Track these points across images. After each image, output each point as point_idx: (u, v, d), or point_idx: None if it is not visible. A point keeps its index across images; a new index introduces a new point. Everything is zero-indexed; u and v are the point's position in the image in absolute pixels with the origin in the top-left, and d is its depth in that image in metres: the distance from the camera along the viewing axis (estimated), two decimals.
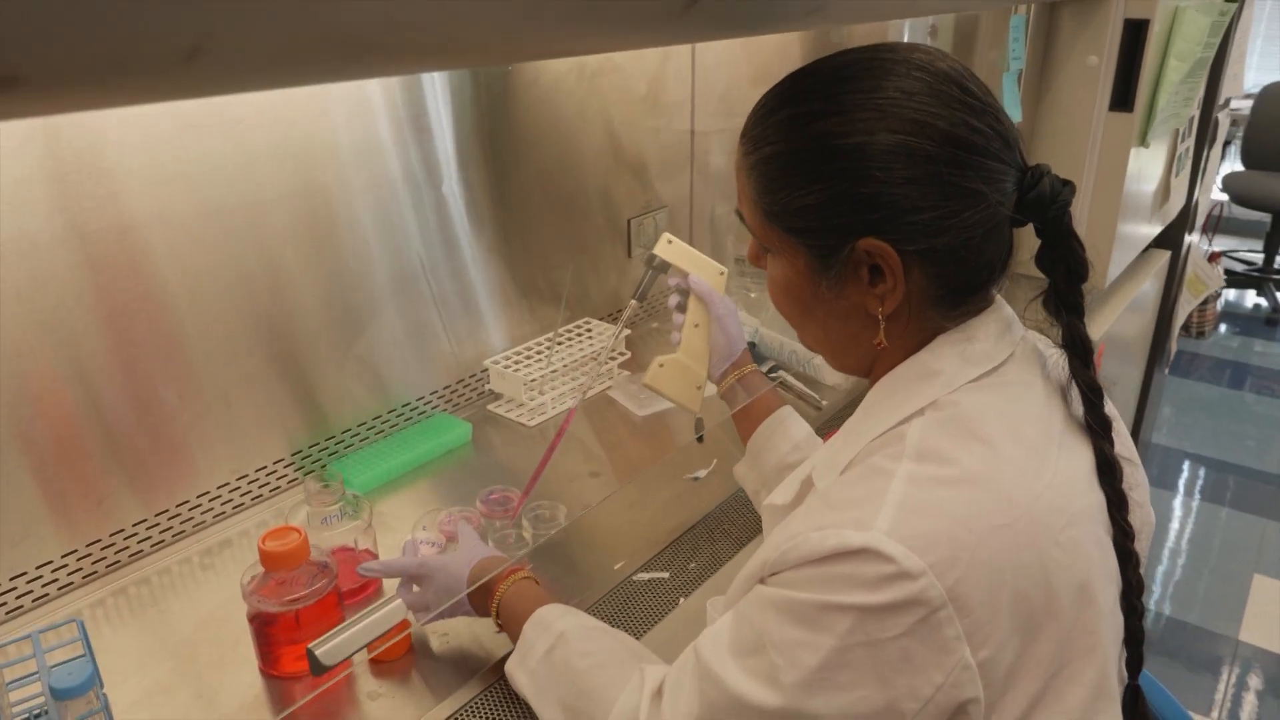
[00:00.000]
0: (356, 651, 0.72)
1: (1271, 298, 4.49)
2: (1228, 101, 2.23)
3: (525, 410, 1.38)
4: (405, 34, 0.40)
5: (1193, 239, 2.37)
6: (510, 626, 0.86)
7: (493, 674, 0.89)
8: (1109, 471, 0.65)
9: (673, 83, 1.63)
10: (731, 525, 1.13)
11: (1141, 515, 0.71)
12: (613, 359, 1.49)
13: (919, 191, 0.60)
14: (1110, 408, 0.69)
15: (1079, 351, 0.66)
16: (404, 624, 0.91)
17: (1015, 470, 0.60)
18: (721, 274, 1.12)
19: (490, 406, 1.40)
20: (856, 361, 0.71)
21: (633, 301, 1.11)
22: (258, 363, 1.10)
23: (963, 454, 0.59)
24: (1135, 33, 1.50)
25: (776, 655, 0.58)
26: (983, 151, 0.61)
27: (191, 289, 1.02)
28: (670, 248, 1.10)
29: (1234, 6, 1.75)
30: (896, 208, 0.61)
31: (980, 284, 0.65)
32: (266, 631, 0.87)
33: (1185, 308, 2.38)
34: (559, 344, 1.46)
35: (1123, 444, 0.69)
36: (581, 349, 1.45)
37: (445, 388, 1.37)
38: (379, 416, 1.27)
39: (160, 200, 0.97)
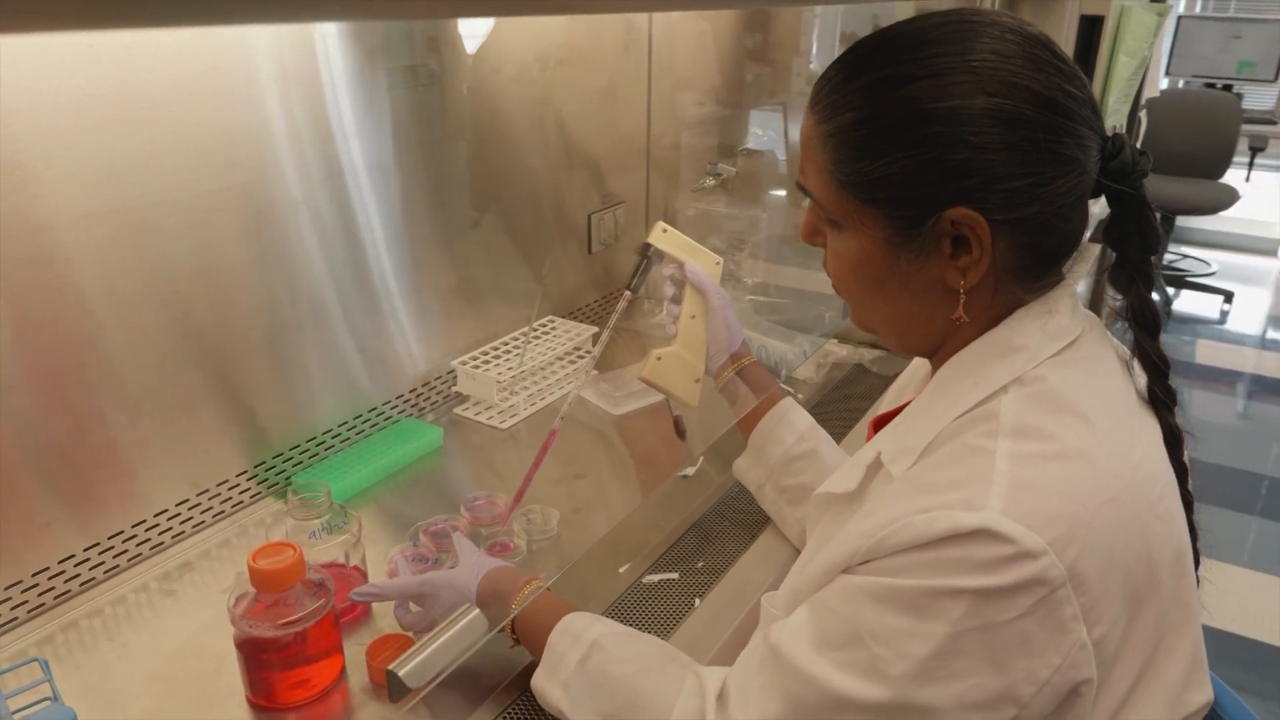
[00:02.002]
0: (442, 672, 0.65)
1: (1163, 293, 4.76)
2: (1147, 102, 2.33)
3: (497, 413, 1.31)
4: None
5: None
6: (530, 639, 0.80)
7: (507, 695, 0.83)
8: (1175, 443, 0.64)
9: (631, 76, 1.59)
10: (732, 521, 1.09)
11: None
12: (582, 357, 1.43)
13: (1014, 158, 0.58)
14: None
15: (1148, 324, 0.65)
16: (407, 644, 0.84)
17: (1113, 443, 0.58)
18: (717, 264, 1.08)
19: (458, 410, 1.32)
20: (925, 339, 0.68)
21: (626, 292, 1.06)
22: (207, 371, 1.00)
23: (1061, 429, 0.57)
24: (1090, 29, 1.54)
25: (879, 646, 0.54)
26: (1076, 117, 0.59)
27: (121, 295, 0.90)
28: (666, 236, 1.06)
29: (1168, 7, 1.83)
30: (990, 175, 0.58)
31: (1064, 254, 0.64)
32: (258, 658, 0.78)
33: (1111, 301, 2.47)
34: (529, 342, 1.40)
35: (1181, 416, 0.69)
36: (552, 348, 1.39)
37: (411, 391, 1.29)
38: (344, 424, 1.18)
39: (76, 197, 0.85)
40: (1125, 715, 0.56)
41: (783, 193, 1.91)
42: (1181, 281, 4.69)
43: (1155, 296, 0.67)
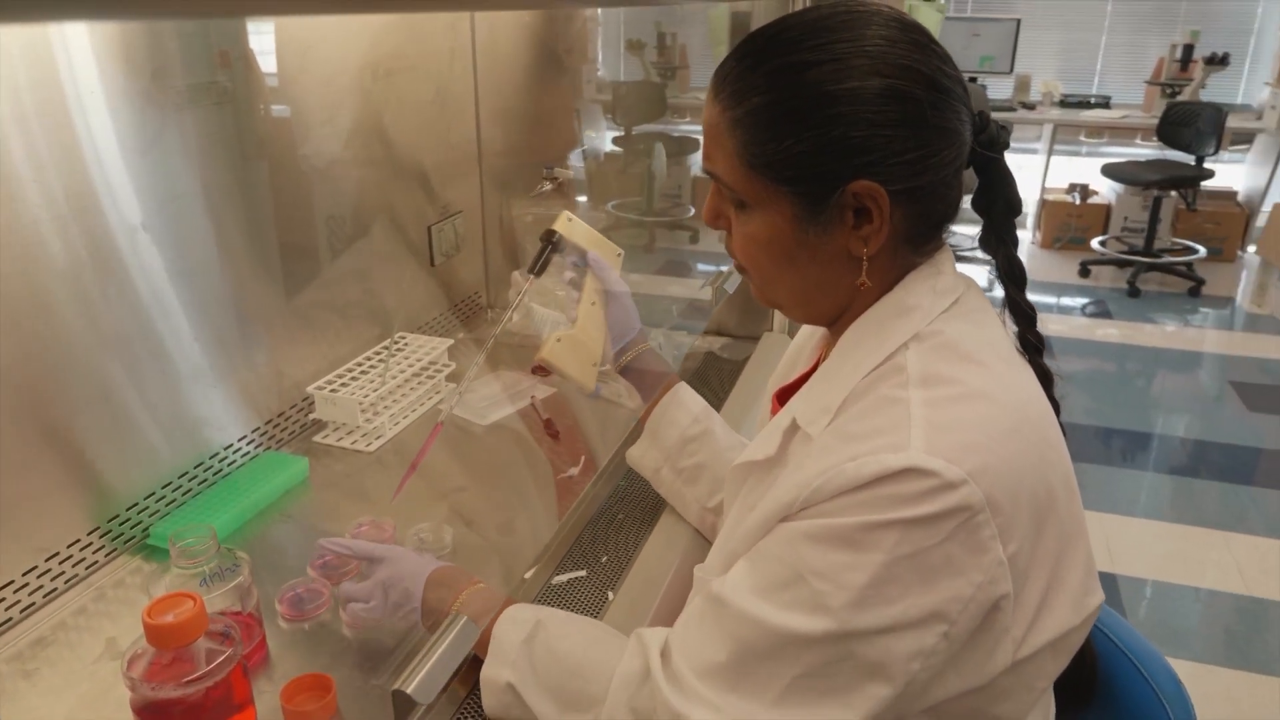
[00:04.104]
0: (449, 682, 0.63)
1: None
2: None
3: (360, 436, 1.25)
4: None
5: None
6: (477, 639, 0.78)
7: (450, 703, 0.80)
8: (1047, 382, 0.72)
9: (459, 84, 1.57)
10: (626, 513, 1.11)
11: None
12: (439, 371, 1.40)
13: (907, 133, 0.63)
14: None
15: (1016, 278, 0.73)
16: (328, 685, 0.80)
17: (1006, 383, 0.65)
18: (619, 255, 1.11)
19: (317, 438, 1.25)
20: (829, 307, 0.73)
21: (530, 275, 1.06)
22: (37, 425, 0.90)
23: (963, 374, 0.64)
24: None
25: (820, 582, 0.59)
26: (954, 95, 0.66)
27: None
28: (570, 225, 1.08)
29: (945, 5, 2.02)
30: (887, 150, 0.63)
31: (947, 220, 0.70)
32: None
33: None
34: (382, 360, 1.35)
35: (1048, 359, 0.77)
36: (409, 364, 1.35)
37: (267, 423, 1.21)
38: (200, 464, 1.10)
39: None
40: (1040, 622, 0.63)
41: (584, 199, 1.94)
42: (955, 256, 5.18)
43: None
